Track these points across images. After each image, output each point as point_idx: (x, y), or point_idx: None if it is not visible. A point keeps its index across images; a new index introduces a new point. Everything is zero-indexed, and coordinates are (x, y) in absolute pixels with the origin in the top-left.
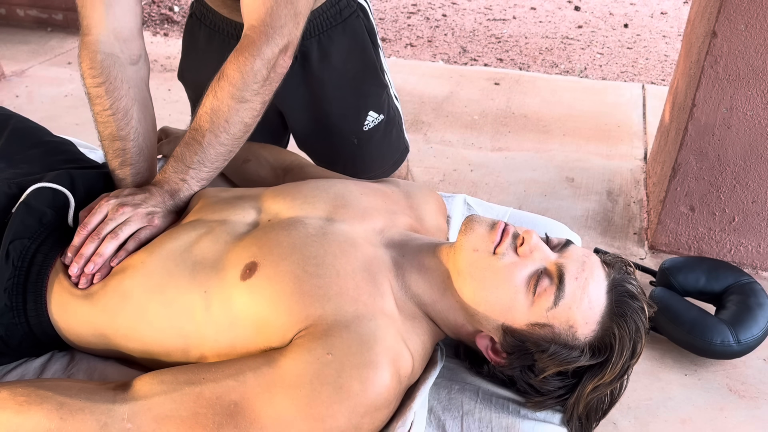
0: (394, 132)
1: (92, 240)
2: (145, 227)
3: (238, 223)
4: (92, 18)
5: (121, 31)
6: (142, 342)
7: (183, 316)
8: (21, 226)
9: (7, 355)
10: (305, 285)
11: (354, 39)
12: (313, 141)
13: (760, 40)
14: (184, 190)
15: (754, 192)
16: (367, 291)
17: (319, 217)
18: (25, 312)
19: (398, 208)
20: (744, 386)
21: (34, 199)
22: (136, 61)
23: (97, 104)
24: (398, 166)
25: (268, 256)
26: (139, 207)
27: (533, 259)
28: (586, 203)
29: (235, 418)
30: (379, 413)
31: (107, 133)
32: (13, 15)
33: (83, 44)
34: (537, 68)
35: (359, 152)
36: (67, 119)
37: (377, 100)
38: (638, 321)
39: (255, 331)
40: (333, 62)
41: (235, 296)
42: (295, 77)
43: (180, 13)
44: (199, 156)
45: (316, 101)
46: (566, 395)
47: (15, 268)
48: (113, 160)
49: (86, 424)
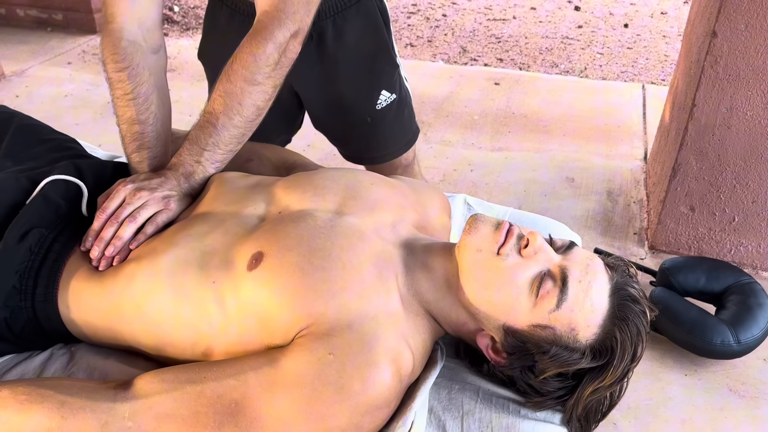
0: (406, 112)
1: (111, 224)
2: (162, 211)
3: (249, 216)
4: (117, 6)
5: (145, 21)
6: (148, 331)
7: (193, 306)
8: (37, 217)
9: (9, 341)
10: (310, 278)
11: (367, 19)
12: (327, 120)
13: (760, 40)
14: (198, 172)
15: (754, 192)
16: (372, 286)
17: (328, 209)
18: (33, 297)
19: (407, 202)
20: (744, 386)
21: (49, 191)
22: (157, 50)
23: (119, 88)
24: (411, 145)
25: (275, 247)
26: (155, 191)
27: (537, 260)
28: (586, 203)
29: (236, 417)
30: (380, 412)
31: (127, 116)
32: (13, 15)
33: (106, 31)
34: (537, 68)
35: (372, 131)
36: (67, 119)
37: (390, 80)
38: (640, 325)
39: (261, 326)
40: (347, 42)
41: (242, 287)
42: (311, 57)
43: (180, 13)
44: (214, 138)
45: (330, 80)
46: (566, 396)
47: (32, 253)
48: (130, 144)
49: (87, 423)
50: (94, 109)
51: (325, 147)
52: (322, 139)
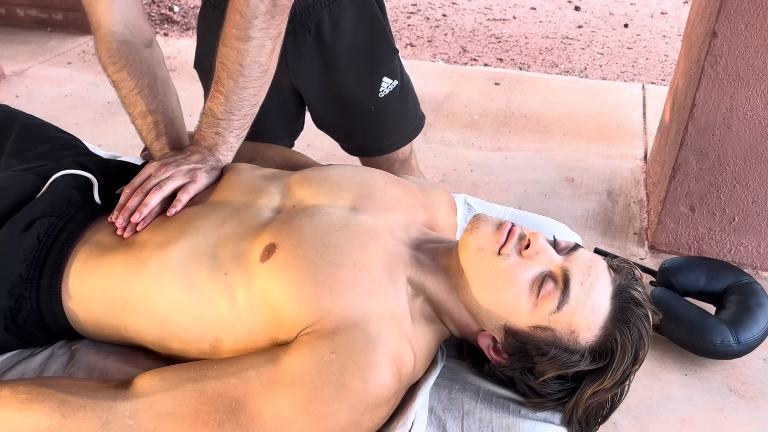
0: (410, 98)
1: (137, 194)
2: (190, 182)
3: (264, 208)
4: (99, 12)
5: (129, 18)
6: (154, 320)
7: (202, 298)
8: (49, 205)
9: (12, 332)
10: (320, 273)
11: (363, 6)
12: (331, 115)
13: (760, 40)
14: (220, 143)
15: (754, 192)
16: (381, 287)
17: (342, 206)
18: (38, 286)
19: (417, 203)
20: (744, 386)
21: (60, 184)
22: (149, 44)
23: (123, 87)
24: (418, 132)
25: (288, 239)
26: (181, 164)
27: (538, 261)
28: (586, 203)
29: (237, 416)
30: (379, 410)
31: (137, 111)
32: (13, 15)
33: (97, 38)
34: (537, 68)
35: (377, 120)
36: (67, 119)
37: (390, 66)
38: (641, 328)
39: (269, 318)
40: (344, 31)
41: (255, 279)
42: (310, 50)
43: (180, 13)
44: (225, 106)
45: (331, 72)
46: (565, 398)
47: (40, 242)
48: (148, 135)
49: (88, 422)
50: (94, 109)
51: (325, 147)
52: (321, 139)
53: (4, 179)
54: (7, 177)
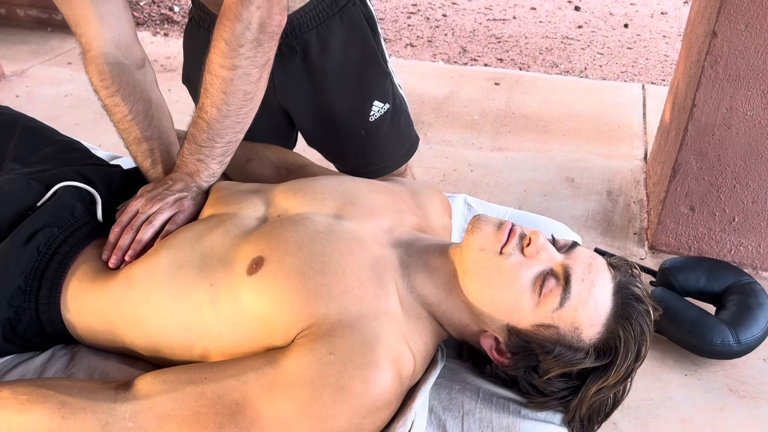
0: (402, 121)
1: (127, 232)
2: (178, 212)
3: (248, 218)
4: (89, 34)
5: (120, 39)
6: (146, 333)
7: (188, 308)
8: (52, 216)
9: (11, 341)
10: (310, 282)
11: (352, 27)
12: (321, 136)
13: (760, 40)
14: (202, 170)
15: (754, 192)
16: (372, 290)
17: (327, 214)
18: (37, 298)
19: (405, 207)
20: (744, 386)
21: (63, 194)
22: (141, 65)
23: (116, 112)
24: (410, 156)
25: (275, 252)
26: (166, 197)
27: (539, 259)
28: (586, 203)
29: (237, 418)
30: (381, 413)
31: (132, 137)
32: (13, 15)
33: (87, 60)
34: (537, 68)
35: (369, 144)
36: (67, 119)
37: (381, 89)
38: (643, 324)
39: (259, 328)
40: (333, 52)
41: (242, 291)
42: (297, 72)
43: (180, 13)
44: (208, 133)
45: (320, 94)
46: (569, 396)
47: (39, 253)
48: (144, 162)
49: (88, 423)
50: (94, 109)
51: None
52: None
53: (6, 183)
54: (9, 181)
